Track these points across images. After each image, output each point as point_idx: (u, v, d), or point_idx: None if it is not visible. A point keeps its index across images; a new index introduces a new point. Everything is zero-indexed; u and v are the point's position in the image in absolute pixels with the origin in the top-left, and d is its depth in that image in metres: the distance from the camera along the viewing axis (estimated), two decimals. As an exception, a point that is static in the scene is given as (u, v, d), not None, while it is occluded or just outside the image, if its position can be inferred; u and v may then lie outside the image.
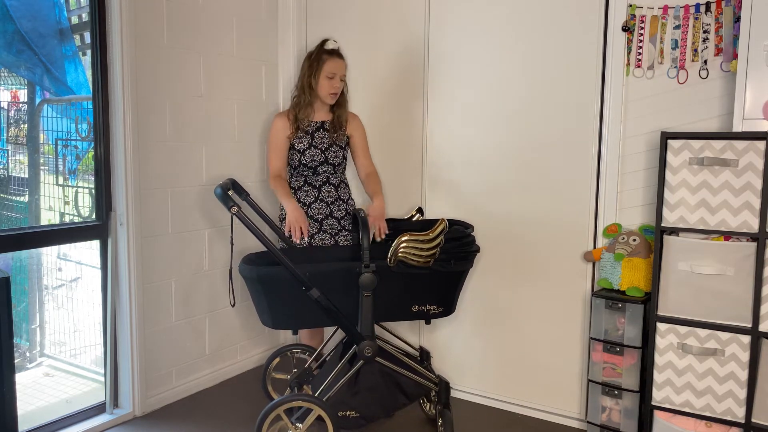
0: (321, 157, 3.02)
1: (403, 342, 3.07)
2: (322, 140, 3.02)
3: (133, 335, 3.00)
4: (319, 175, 3.04)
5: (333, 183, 3.07)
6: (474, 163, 3.17)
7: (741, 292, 2.27)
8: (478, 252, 2.71)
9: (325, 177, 3.05)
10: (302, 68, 3.04)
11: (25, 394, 2.98)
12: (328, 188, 3.06)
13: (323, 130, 3.04)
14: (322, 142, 3.02)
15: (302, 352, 3.14)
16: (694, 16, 2.59)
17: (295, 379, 2.83)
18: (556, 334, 3.02)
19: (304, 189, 3.04)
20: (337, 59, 2.98)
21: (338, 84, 2.98)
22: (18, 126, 2.93)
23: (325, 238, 3.03)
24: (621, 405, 2.66)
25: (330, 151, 3.03)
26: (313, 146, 3.01)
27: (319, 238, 3.03)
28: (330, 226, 3.05)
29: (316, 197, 3.04)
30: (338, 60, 2.98)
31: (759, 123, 2.29)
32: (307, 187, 3.04)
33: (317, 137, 3.02)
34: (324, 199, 3.04)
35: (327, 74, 2.95)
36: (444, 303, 2.66)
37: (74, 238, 2.90)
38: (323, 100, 3.00)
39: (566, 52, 2.89)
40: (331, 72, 2.95)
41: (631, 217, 2.80)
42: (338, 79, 2.98)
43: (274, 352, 3.12)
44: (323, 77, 2.96)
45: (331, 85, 2.96)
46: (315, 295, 2.49)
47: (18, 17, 2.73)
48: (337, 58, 2.98)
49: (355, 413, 2.59)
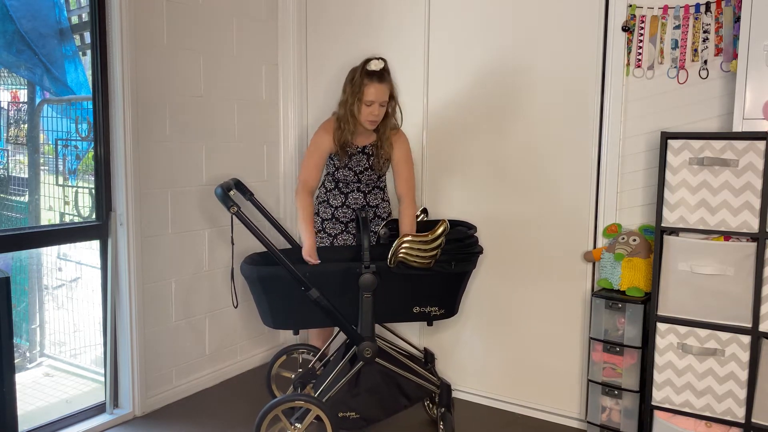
0: (354, 178, 2.95)
1: (407, 343, 3.07)
2: (359, 163, 2.92)
3: (133, 335, 3.00)
4: (349, 185, 2.99)
5: (363, 191, 3.00)
6: (473, 163, 3.17)
7: (741, 292, 2.27)
8: (481, 253, 2.70)
9: (354, 187, 2.99)
10: (344, 89, 2.83)
11: (25, 394, 2.98)
12: (356, 195, 2.99)
13: (362, 154, 2.92)
14: (357, 164, 2.93)
15: (307, 352, 3.14)
16: (694, 16, 2.59)
17: (299, 379, 2.83)
18: (556, 334, 3.02)
19: (334, 192, 3.01)
20: (377, 84, 2.73)
21: (377, 111, 2.77)
22: (18, 126, 2.93)
23: (347, 239, 3.01)
24: (621, 405, 2.66)
25: (364, 175, 2.95)
26: (348, 168, 2.93)
27: (342, 239, 3.02)
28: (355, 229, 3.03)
29: (342, 202, 3.00)
30: (379, 85, 2.73)
31: (759, 123, 2.29)
32: (336, 191, 3.00)
33: (354, 160, 2.92)
34: (350, 205, 2.99)
35: (366, 101, 2.75)
36: (446, 305, 2.66)
37: (74, 238, 2.90)
38: (363, 125, 2.83)
39: (566, 52, 2.89)
40: (369, 99, 2.74)
41: (631, 217, 2.79)
42: (377, 106, 2.76)
43: (279, 351, 3.13)
44: (363, 103, 2.76)
45: (370, 112, 2.76)
46: (314, 296, 2.49)
47: (18, 17, 2.73)
48: (377, 82, 2.73)
49: (356, 414, 2.59)
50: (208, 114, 3.30)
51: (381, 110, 2.79)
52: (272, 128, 3.72)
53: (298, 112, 3.74)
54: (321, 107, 3.62)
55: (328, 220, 3.01)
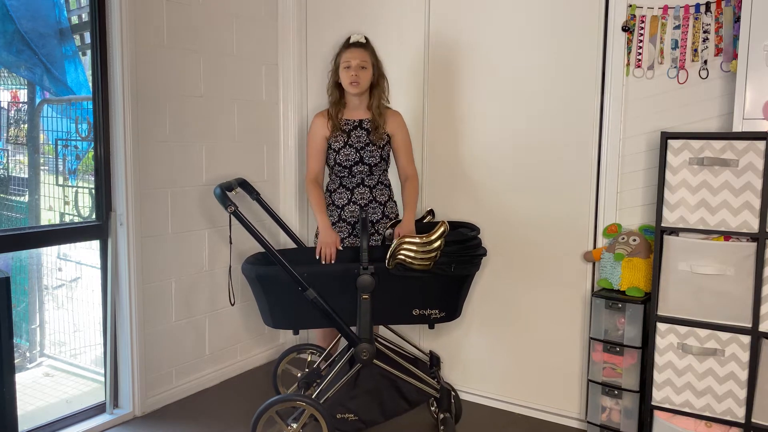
0: (356, 156, 2.90)
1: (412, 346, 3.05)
2: (359, 139, 2.91)
3: (133, 335, 3.00)
4: (354, 177, 2.92)
5: (368, 185, 2.94)
6: (473, 164, 3.17)
7: (741, 292, 2.27)
8: (484, 255, 2.68)
9: (359, 178, 2.93)
10: None
11: (25, 394, 2.98)
12: (361, 190, 2.94)
13: (361, 128, 2.92)
14: (358, 140, 2.91)
15: (313, 353, 3.14)
16: (694, 16, 2.59)
17: (304, 379, 2.82)
18: (556, 334, 3.02)
19: (339, 191, 2.95)
20: (353, 49, 2.85)
21: (355, 72, 2.83)
22: (18, 126, 2.93)
23: (355, 242, 2.94)
24: (621, 405, 2.66)
25: (366, 151, 2.90)
26: (349, 145, 2.90)
27: (349, 242, 2.95)
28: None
29: (349, 199, 2.94)
30: (355, 50, 2.85)
31: (759, 123, 2.29)
32: (342, 189, 2.95)
33: (353, 136, 2.91)
34: (357, 201, 2.93)
35: (343, 65, 2.85)
36: (446, 308, 2.62)
37: (74, 238, 2.90)
38: (347, 90, 2.88)
39: (566, 52, 2.89)
40: (346, 61, 2.84)
41: (631, 217, 2.79)
42: (355, 67, 2.83)
43: (286, 350, 3.14)
44: (342, 69, 2.86)
45: (347, 74, 2.84)
46: (311, 296, 2.48)
47: (18, 17, 2.73)
48: (354, 48, 2.85)
49: (354, 416, 2.58)
50: (208, 114, 3.30)
51: (362, 72, 2.85)
52: (272, 128, 3.72)
53: (298, 112, 3.74)
54: (321, 107, 3.60)
55: (335, 223, 2.94)
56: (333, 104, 2.95)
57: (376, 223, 2.95)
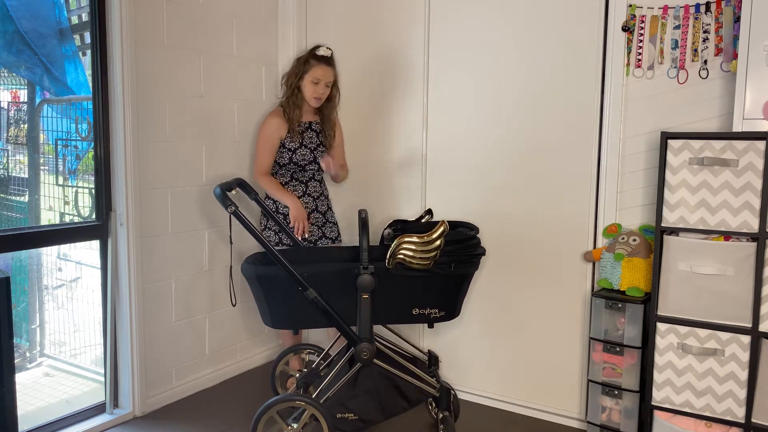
0: (310, 156, 3.16)
1: (411, 345, 3.06)
2: (311, 140, 3.16)
3: (133, 335, 3.00)
4: (305, 172, 3.17)
5: (317, 179, 3.23)
6: (473, 164, 3.17)
7: (741, 292, 2.27)
8: (483, 255, 2.69)
9: (311, 173, 3.19)
10: (291, 68, 3.13)
11: (25, 394, 2.98)
12: (314, 184, 3.21)
13: (311, 130, 3.17)
14: (311, 142, 3.16)
15: (312, 353, 3.14)
16: (694, 16, 2.59)
17: (302, 379, 2.83)
18: (556, 334, 3.02)
19: (292, 184, 3.17)
20: (325, 66, 3.04)
21: (322, 90, 3.06)
22: (18, 126, 2.93)
23: (313, 230, 3.17)
24: (621, 405, 2.66)
25: (318, 151, 3.18)
26: (304, 146, 3.14)
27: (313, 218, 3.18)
28: (316, 219, 3.18)
29: (303, 192, 3.17)
30: (326, 68, 3.04)
31: (759, 123, 2.29)
32: (294, 182, 3.17)
33: (306, 137, 3.15)
34: (311, 193, 3.19)
35: (312, 79, 3.04)
36: (446, 307, 2.63)
37: (74, 238, 2.90)
38: (308, 102, 3.10)
39: (566, 52, 2.89)
40: (316, 78, 3.03)
41: (631, 217, 2.79)
42: (323, 85, 3.05)
43: (285, 350, 3.14)
44: (308, 81, 3.04)
45: (315, 90, 3.05)
46: (311, 296, 2.48)
47: (18, 17, 2.73)
48: (325, 65, 3.04)
49: (354, 416, 2.58)
50: (208, 114, 3.30)
51: (326, 90, 3.09)
52: (272, 128, 3.72)
53: (298, 112, 3.74)
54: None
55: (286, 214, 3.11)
56: (293, 107, 3.09)
57: (326, 213, 3.24)
